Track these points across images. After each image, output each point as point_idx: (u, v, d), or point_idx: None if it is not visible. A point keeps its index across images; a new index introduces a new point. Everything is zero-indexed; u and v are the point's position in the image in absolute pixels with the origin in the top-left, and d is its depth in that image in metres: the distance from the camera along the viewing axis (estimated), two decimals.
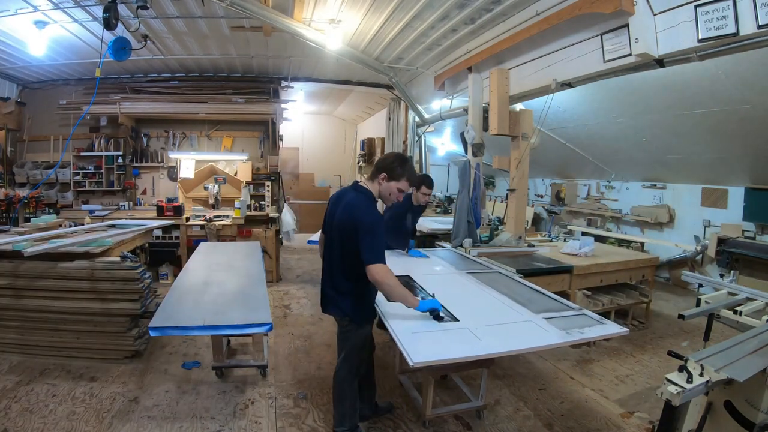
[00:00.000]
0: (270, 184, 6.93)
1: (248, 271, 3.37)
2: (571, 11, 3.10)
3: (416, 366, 1.80)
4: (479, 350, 1.96)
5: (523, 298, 2.65)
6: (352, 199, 2.27)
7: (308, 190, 10.55)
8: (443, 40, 4.69)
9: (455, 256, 3.96)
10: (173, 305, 2.54)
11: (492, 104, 4.22)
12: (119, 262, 3.34)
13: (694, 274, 4.26)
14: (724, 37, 2.40)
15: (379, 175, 2.26)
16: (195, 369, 3.32)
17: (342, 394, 2.40)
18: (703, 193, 5.81)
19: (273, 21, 4.12)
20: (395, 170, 2.24)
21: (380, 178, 2.26)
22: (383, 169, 2.26)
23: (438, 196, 8.65)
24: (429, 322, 2.19)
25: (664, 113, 4.72)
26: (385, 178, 2.25)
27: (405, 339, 1.98)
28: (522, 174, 4.39)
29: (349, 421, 2.41)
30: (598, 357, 3.76)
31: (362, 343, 2.39)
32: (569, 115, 5.68)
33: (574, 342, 2.17)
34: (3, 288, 3.31)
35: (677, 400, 1.56)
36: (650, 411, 2.90)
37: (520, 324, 2.27)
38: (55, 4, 3.93)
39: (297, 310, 4.85)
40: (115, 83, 6.38)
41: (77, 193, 6.53)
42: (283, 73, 6.67)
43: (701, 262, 5.80)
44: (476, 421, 2.75)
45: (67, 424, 2.54)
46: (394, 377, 3.24)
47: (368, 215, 2.17)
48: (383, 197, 2.31)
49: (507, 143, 4.54)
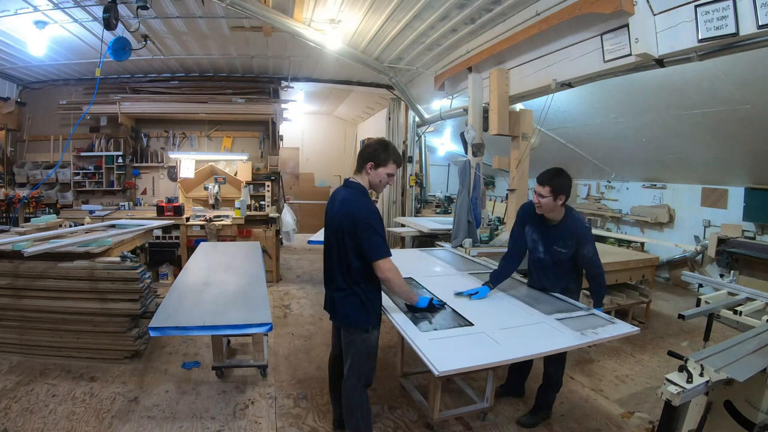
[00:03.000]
0: (270, 184, 6.93)
1: (248, 271, 3.37)
2: (571, 11, 3.09)
3: (441, 375, 1.76)
4: (502, 356, 1.92)
5: (530, 299, 2.63)
6: (345, 196, 2.21)
7: (308, 190, 10.55)
8: (443, 40, 4.69)
9: (455, 256, 3.95)
10: (173, 305, 2.53)
11: (492, 104, 4.22)
12: (119, 262, 3.34)
13: (694, 274, 4.26)
14: (724, 37, 2.39)
15: (366, 165, 2.20)
16: (195, 369, 3.32)
17: (352, 406, 2.25)
18: (703, 193, 5.81)
19: (273, 21, 4.12)
20: (380, 156, 2.18)
21: (367, 167, 2.19)
22: (368, 158, 2.19)
23: (438, 196, 8.65)
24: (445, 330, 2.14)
25: (664, 113, 4.72)
26: (372, 166, 2.19)
27: (425, 347, 1.91)
28: (522, 174, 4.39)
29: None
30: (598, 357, 3.76)
31: (368, 350, 2.22)
32: (569, 115, 5.68)
33: (590, 343, 2.14)
34: (3, 288, 3.31)
35: (677, 400, 1.56)
36: (650, 411, 2.90)
37: (535, 326, 2.23)
38: (55, 4, 3.92)
39: (297, 310, 4.85)
40: (115, 83, 6.38)
41: (77, 193, 6.52)
42: (283, 73, 6.67)
43: (701, 262, 5.80)
44: (477, 422, 2.75)
45: (67, 424, 2.54)
46: (394, 378, 3.23)
47: (362, 208, 2.11)
48: (374, 186, 2.25)
49: (507, 143, 4.54)
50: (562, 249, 2.57)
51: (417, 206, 7.54)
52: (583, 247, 2.53)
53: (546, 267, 2.73)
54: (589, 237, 2.57)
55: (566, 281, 2.74)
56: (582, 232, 2.55)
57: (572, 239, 2.53)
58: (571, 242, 2.54)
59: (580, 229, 2.56)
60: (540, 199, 2.50)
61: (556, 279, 2.74)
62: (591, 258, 2.55)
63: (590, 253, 2.54)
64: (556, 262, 2.66)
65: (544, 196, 2.47)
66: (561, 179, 2.46)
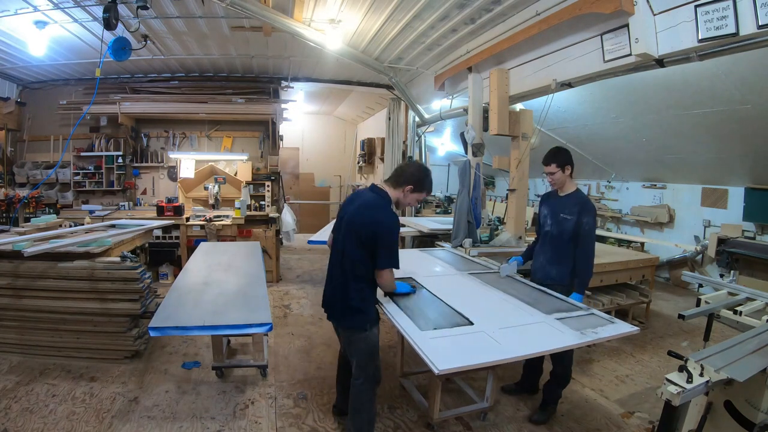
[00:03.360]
0: (270, 184, 6.93)
1: (248, 271, 3.37)
2: (571, 11, 3.09)
3: (441, 374, 1.77)
4: (502, 355, 1.93)
5: (529, 299, 2.64)
6: (369, 200, 2.27)
7: (308, 190, 10.56)
8: (443, 40, 4.69)
9: (455, 256, 3.95)
10: (173, 305, 2.53)
11: (492, 104, 4.22)
12: (119, 262, 3.34)
13: (694, 274, 4.25)
14: (724, 37, 2.39)
15: (406, 186, 2.29)
16: (195, 369, 3.33)
17: (359, 406, 2.29)
18: (703, 193, 5.81)
19: (273, 21, 4.12)
20: (423, 184, 2.31)
21: (407, 188, 2.29)
22: (412, 181, 2.29)
23: (438, 196, 8.65)
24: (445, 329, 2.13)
25: (664, 113, 4.73)
26: (411, 189, 2.29)
27: (425, 346, 1.91)
28: (522, 174, 4.39)
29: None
30: (598, 357, 3.76)
31: (370, 348, 2.27)
32: (569, 115, 5.68)
33: (590, 342, 2.15)
34: (3, 288, 3.31)
35: (677, 400, 1.56)
36: (650, 411, 2.90)
37: (535, 326, 2.24)
38: (55, 4, 3.92)
39: (297, 310, 4.85)
40: (115, 83, 6.38)
41: (77, 193, 6.53)
42: (283, 73, 6.67)
43: (701, 262, 5.80)
44: (477, 421, 2.75)
45: (67, 424, 2.55)
46: (394, 378, 3.23)
47: (389, 218, 2.19)
48: (399, 203, 2.34)
49: (507, 143, 4.53)
50: (567, 216, 2.80)
51: (417, 206, 7.54)
52: (583, 217, 2.74)
53: (551, 239, 2.91)
54: (591, 210, 2.79)
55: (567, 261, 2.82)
56: (586, 203, 2.82)
57: (576, 207, 2.78)
58: (575, 209, 2.77)
59: (584, 200, 2.86)
60: (552, 177, 2.87)
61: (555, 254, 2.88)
62: (588, 231, 2.75)
63: (589, 225, 2.75)
64: (560, 231, 2.84)
65: (554, 173, 2.84)
66: (561, 153, 2.86)
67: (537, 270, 3.01)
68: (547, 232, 2.94)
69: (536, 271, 3.02)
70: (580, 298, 2.68)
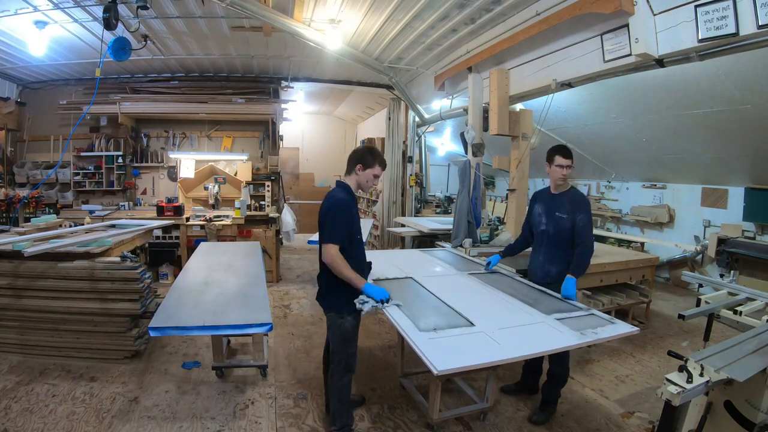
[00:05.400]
0: (270, 184, 6.93)
1: (248, 271, 3.37)
2: (571, 11, 3.10)
3: (441, 374, 1.77)
4: (502, 355, 1.92)
5: (529, 299, 2.64)
6: (331, 193, 2.46)
7: (308, 190, 10.56)
8: (443, 40, 4.69)
9: (455, 256, 3.95)
10: (173, 305, 2.53)
11: (492, 104, 4.22)
12: (119, 262, 3.34)
13: (694, 274, 4.26)
14: (724, 37, 2.40)
15: (356, 167, 2.45)
16: (195, 369, 3.32)
17: (332, 389, 2.45)
18: (703, 193, 5.81)
19: (273, 21, 4.12)
20: (367, 159, 2.45)
21: (357, 169, 2.45)
22: (358, 160, 2.45)
23: (438, 196, 8.66)
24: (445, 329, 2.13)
25: (664, 113, 4.72)
26: (361, 168, 2.44)
27: (424, 346, 1.91)
28: (522, 174, 4.39)
29: (339, 420, 2.40)
30: (598, 357, 3.76)
31: (344, 335, 2.38)
32: (569, 115, 5.68)
33: (590, 343, 2.15)
34: (3, 288, 3.31)
35: (677, 400, 1.56)
36: (650, 411, 2.90)
37: (535, 326, 2.24)
38: (55, 4, 3.93)
39: (297, 310, 4.85)
40: (115, 83, 6.38)
41: (77, 193, 6.53)
42: (283, 73, 6.68)
43: (701, 262, 5.80)
44: (477, 422, 2.75)
45: (67, 424, 2.54)
46: (394, 378, 3.23)
47: (333, 199, 2.36)
48: (362, 186, 2.51)
49: (507, 143, 4.54)
50: (562, 215, 2.80)
51: (417, 206, 7.54)
52: (579, 215, 2.76)
53: (549, 238, 2.90)
54: (585, 207, 2.81)
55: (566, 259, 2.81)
56: (581, 200, 2.84)
57: (571, 205, 2.79)
58: (570, 207, 2.78)
59: (579, 197, 2.87)
60: (568, 171, 2.83)
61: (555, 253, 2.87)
62: (584, 226, 2.76)
63: (584, 221, 2.76)
64: (557, 230, 2.83)
65: (572, 166, 2.84)
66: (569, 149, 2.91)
67: (536, 269, 3.00)
68: (543, 231, 2.92)
69: (535, 270, 3.01)
70: (573, 282, 2.66)
